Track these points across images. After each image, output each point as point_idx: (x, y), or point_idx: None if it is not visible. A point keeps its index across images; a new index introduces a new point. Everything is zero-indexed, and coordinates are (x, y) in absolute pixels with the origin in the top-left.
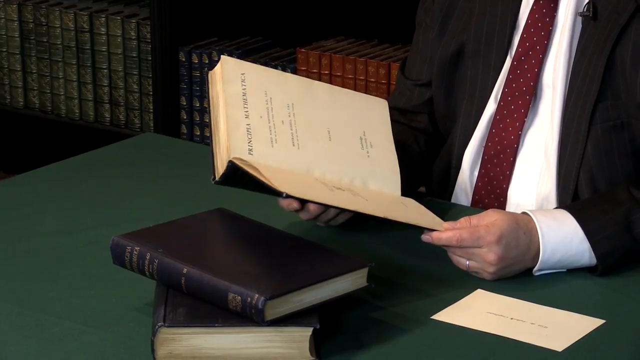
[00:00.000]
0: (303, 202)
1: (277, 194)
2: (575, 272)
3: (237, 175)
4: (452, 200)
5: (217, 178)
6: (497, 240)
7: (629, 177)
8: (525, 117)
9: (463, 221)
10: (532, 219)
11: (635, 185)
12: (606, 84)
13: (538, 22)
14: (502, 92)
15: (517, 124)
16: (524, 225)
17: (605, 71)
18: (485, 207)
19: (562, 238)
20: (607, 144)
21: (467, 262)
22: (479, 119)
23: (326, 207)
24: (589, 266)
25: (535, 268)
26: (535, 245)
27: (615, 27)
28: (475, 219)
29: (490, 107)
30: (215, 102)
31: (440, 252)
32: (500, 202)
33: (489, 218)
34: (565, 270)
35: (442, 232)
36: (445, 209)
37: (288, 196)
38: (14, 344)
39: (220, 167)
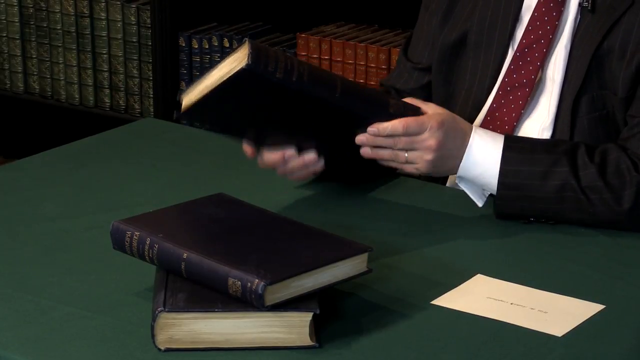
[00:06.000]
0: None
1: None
2: (574, 258)
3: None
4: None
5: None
6: (439, 125)
7: None
8: (523, 109)
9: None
10: (470, 126)
11: (590, 147)
12: (593, 74)
13: (544, 16)
14: (501, 82)
15: (513, 114)
16: (461, 122)
17: (594, 61)
18: None
19: (486, 155)
20: (594, 136)
21: (406, 154)
22: (477, 110)
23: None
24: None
25: (457, 173)
26: (466, 146)
27: (609, 20)
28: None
29: (489, 99)
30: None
31: (440, 238)
32: None
33: (432, 110)
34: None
35: (387, 122)
36: (440, 193)
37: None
38: (14, 329)
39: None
